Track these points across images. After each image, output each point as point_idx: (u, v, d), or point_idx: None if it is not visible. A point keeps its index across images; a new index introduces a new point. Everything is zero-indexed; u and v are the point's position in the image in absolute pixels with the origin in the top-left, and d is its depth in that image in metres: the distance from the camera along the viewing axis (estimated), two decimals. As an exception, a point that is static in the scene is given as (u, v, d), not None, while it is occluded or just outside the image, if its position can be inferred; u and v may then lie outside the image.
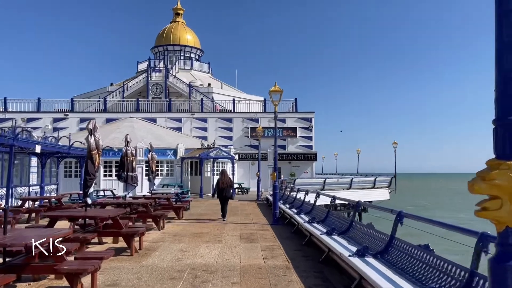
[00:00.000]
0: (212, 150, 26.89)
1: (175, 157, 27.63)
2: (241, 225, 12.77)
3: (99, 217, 7.47)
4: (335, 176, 33.17)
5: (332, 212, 9.05)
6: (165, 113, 34.59)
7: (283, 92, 13.57)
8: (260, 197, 24.44)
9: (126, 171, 10.97)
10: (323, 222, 9.04)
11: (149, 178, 13.86)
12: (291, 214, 11.81)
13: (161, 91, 38.84)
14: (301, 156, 33.86)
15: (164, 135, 30.41)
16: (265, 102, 36.07)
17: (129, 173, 10.99)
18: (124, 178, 11.01)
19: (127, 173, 10.96)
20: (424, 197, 73.98)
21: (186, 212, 16.88)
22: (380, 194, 33.52)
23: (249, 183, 32.62)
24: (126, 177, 10.96)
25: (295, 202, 14.31)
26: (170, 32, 48.69)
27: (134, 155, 11.45)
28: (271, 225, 12.69)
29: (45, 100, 34.38)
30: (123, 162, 11.25)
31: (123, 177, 11.15)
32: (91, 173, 7.84)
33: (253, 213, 16.84)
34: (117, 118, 33.66)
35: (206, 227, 12.12)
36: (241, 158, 33.15)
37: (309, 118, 34.58)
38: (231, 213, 16.30)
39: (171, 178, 27.68)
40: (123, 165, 11.23)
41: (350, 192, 30.32)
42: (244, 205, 20.45)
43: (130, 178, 10.97)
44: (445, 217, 41.68)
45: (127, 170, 11.00)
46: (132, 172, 11.11)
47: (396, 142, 35.26)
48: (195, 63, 47.52)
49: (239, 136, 34.19)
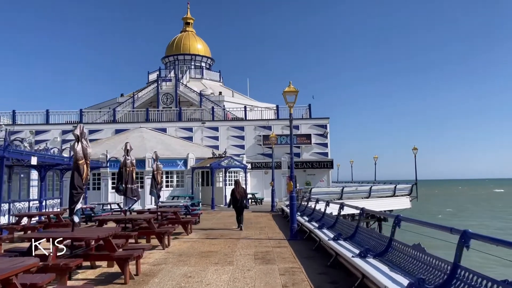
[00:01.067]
0: (224, 159, 25.73)
1: (185, 167, 26.54)
2: (255, 241, 11.47)
3: (86, 239, 6.29)
4: (353, 184, 31.60)
5: (362, 227, 7.70)
6: (175, 122, 33.64)
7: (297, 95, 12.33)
8: (275, 208, 23.10)
9: (125, 183, 9.84)
10: (351, 239, 7.70)
11: (151, 192, 12.65)
12: (311, 228, 10.47)
13: (171, 100, 38.03)
14: (317, 164, 32.44)
15: (174, 144, 29.41)
16: (278, 109, 34.87)
17: (128, 185, 9.84)
18: (122, 191, 9.88)
19: (125, 186, 9.82)
20: (447, 204, 71.35)
21: (196, 226, 15.65)
22: (401, 203, 31.81)
23: (262, 193, 31.31)
24: (125, 190, 9.83)
25: (314, 214, 12.96)
26: (180, 42, 48.19)
27: (134, 165, 10.31)
28: (288, 241, 11.36)
29: (53, 112, 33.82)
30: (121, 173, 10.14)
31: (121, 189, 10.01)
32: (78, 187, 6.69)
33: (268, 226, 15.52)
34: (127, 128, 32.84)
35: (216, 244, 10.85)
36: (254, 167, 31.90)
37: (323, 124, 33.20)
38: (245, 227, 15.01)
39: (182, 189, 26.56)
40: (122, 176, 10.12)
41: (370, 201, 28.70)
42: (258, 217, 19.15)
43: (129, 191, 9.82)
44: (490, 225, 39.55)
45: (126, 182, 9.87)
46: (131, 184, 9.96)
47: (416, 147, 33.55)
48: (205, 72, 46.76)
49: (251, 144, 33.00)
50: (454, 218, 47.74)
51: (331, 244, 7.59)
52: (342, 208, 9.74)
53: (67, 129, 32.67)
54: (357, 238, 7.60)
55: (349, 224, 8.36)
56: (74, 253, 6.82)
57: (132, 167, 10.18)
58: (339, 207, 9.75)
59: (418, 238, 6.32)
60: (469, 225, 38.25)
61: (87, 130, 32.91)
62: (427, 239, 6.11)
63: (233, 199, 14.27)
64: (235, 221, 15.26)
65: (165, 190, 26.01)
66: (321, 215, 11.75)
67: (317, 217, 12.06)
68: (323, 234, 8.88)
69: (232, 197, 14.32)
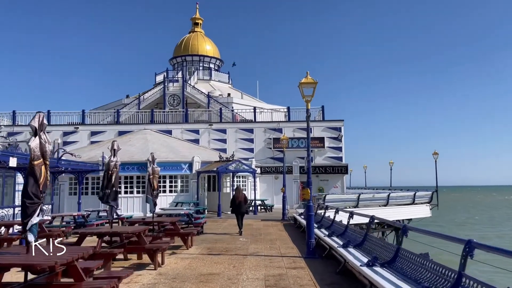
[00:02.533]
0: (232, 163, 24.04)
1: (190, 171, 24.90)
2: (265, 258, 9.72)
3: (35, 266, 4.63)
4: (370, 191, 29.65)
5: (404, 250, 5.92)
6: (181, 124, 32.08)
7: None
8: (286, 216, 21.32)
9: (106, 188, 8.18)
10: (391, 265, 5.93)
11: (146, 199, 10.99)
12: (333, 246, 8.68)
13: (178, 102, 36.53)
14: (330, 169, 30.58)
15: (179, 147, 27.82)
16: (289, 111, 33.10)
17: (108, 190, 8.17)
18: (105, 198, 8.23)
19: (108, 191, 8.15)
20: (470, 211, 68.43)
21: (199, 236, 13.96)
22: (421, 211, 29.79)
23: (272, 200, 29.54)
24: (107, 196, 8.16)
25: (334, 227, 11.16)
26: (189, 42, 46.85)
27: (118, 167, 8.65)
28: (305, 259, 9.59)
29: (55, 113, 32.51)
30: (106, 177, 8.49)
31: (102, 196, 8.36)
32: (33, 195, 5.04)
33: (279, 238, 13.75)
34: (131, 130, 31.37)
35: (219, 263, 9.13)
36: (263, 171, 30.16)
37: (337, 127, 31.35)
38: (253, 239, 13.28)
39: (186, 194, 24.90)
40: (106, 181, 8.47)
41: (388, 209, 26.78)
42: (268, 227, 17.38)
43: (110, 196, 8.12)
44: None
45: (107, 187, 8.20)
46: (112, 188, 8.27)
47: (436, 152, 31.49)
48: (214, 73, 45.29)
49: (261, 148, 31.28)
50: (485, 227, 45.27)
51: (366, 272, 5.81)
52: (372, 222, 7.96)
53: (69, 131, 31.34)
54: (398, 264, 5.83)
55: (387, 247, 6.57)
56: (30, 282, 5.16)
57: (115, 169, 8.51)
58: (369, 221, 7.95)
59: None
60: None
61: (89, 131, 31.72)
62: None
63: (233, 205, 14.84)
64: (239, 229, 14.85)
65: (169, 196, 24.39)
66: (344, 229, 9.96)
67: (338, 231, 10.27)
68: (351, 256, 7.09)
69: (233, 203, 14.89)
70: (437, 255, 6.33)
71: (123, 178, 23.86)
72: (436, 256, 5.55)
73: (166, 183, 24.44)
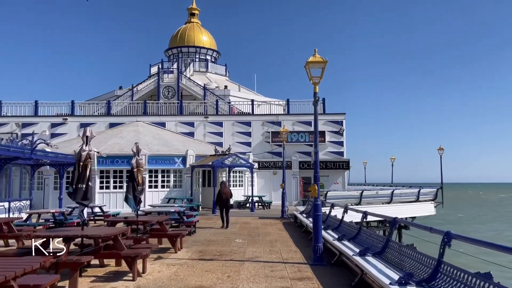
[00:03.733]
0: (228, 157, 22.64)
1: (184, 165, 23.48)
2: (266, 265, 8.37)
3: None
4: (373, 188, 28.34)
5: (449, 265, 4.57)
6: (175, 116, 30.61)
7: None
8: (286, 214, 19.98)
9: (77, 183, 6.80)
10: (429, 284, 4.58)
11: (126, 197, 9.57)
12: (346, 253, 7.31)
13: (173, 94, 34.99)
14: (331, 164, 29.24)
15: (172, 140, 26.37)
16: (289, 103, 31.65)
17: (80, 184, 6.80)
18: (73, 193, 6.84)
19: (79, 186, 6.78)
20: (476, 209, 67.24)
21: (191, 237, 12.60)
22: (425, 209, 28.46)
23: (270, 196, 28.19)
24: (75, 191, 6.78)
25: (343, 228, 9.81)
26: (185, 33, 45.30)
27: (92, 157, 7.26)
28: (311, 267, 8.24)
29: (43, 104, 30.92)
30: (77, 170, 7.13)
31: (71, 192, 6.99)
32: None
33: (280, 239, 12.40)
34: (122, 122, 29.87)
35: (211, 271, 7.77)
36: (261, 166, 28.80)
37: (339, 120, 29.99)
38: (251, 240, 11.93)
39: (180, 190, 23.50)
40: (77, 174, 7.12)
41: (391, 206, 25.46)
42: (266, 225, 16.03)
43: (79, 192, 6.74)
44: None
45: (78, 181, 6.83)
46: (82, 183, 6.89)
47: (442, 147, 30.18)
48: (211, 65, 43.79)
49: (258, 141, 29.89)
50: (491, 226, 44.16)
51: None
52: (394, 225, 6.59)
53: (57, 122, 29.81)
54: (440, 283, 4.47)
55: (421, 261, 5.19)
56: None
57: (88, 160, 7.11)
58: (392, 223, 6.57)
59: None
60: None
61: (79, 123, 30.19)
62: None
63: (220, 200, 15.20)
64: (239, 231, 13.89)
65: (161, 191, 22.99)
66: (356, 231, 8.61)
67: (349, 233, 8.91)
68: (374, 270, 5.71)
69: (220, 198, 15.23)
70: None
71: (112, 172, 22.43)
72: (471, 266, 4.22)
73: (158, 178, 23.03)
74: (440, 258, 4.70)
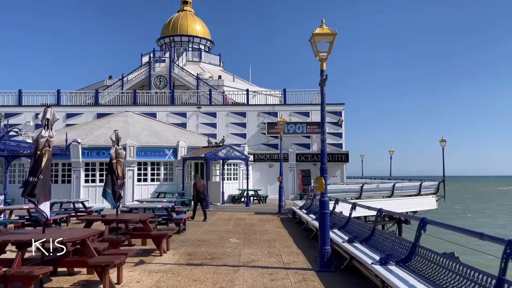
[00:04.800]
0: (221, 149, 21.37)
1: (175, 157, 22.16)
2: (264, 272, 7.15)
3: None
4: (374, 181, 27.25)
5: None
6: (167, 107, 29.22)
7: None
8: (283, 209, 18.80)
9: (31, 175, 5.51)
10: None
11: (104, 191, 8.30)
12: (363, 261, 6.09)
13: (165, 84, 33.48)
14: (329, 156, 28.05)
15: (163, 131, 25.01)
16: (285, 93, 30.34)
17: (31, 178, 5.49)
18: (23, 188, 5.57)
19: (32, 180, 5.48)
20: (479, 203, 66.29)
21: (180, 236, 11.37)
22: (426, 203, 27.48)
23: (266, 190, 27.03)
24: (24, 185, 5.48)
25: (352, 227, 8.61)
26: (177, 22, 43.70)
27: (51, 146, 5.95)
28: (317, 273, 7.04)
29: (27, 93, 29.34)
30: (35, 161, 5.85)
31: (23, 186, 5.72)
32: None
33: (278, 238, 11.19)
34: (111, 112, 28.42)
35: (200, 281, 6.54)
36: (256, 159, 27.57)
37: (338, 111, 28.77)
38: (247, 240, 10.72)
39: (170, 183, 22.20)
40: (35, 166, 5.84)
41: (392, 200, 24.44)
42: (263, 222, 14.83)
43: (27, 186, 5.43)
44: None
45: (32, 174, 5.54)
46: (34, 176, 5.57)
47: (444, 139, 29.11)
48: (204, 54, 42.27)
49: (254, 133, 28.62)
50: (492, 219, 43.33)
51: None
52: (423, 227, 5.38)
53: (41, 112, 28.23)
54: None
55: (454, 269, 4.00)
56: None
57: (47, 150, 5.80)
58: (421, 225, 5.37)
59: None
60: None
61: (65, 113, 28.70)
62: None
63: (198, 193, 15.73)
64: (233, 229, 12.93)
65: (150, 185, 21.67)
66: (369, 231, 7.41)
67: (360, 234, 7.72)
68: (403, 285, 4.50)
69: (196, 191, 15.74)
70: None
71: (98, 165, 21.06)
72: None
73: (147, 171, 21.69)
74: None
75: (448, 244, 6.57)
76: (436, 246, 5.65)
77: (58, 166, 20.96)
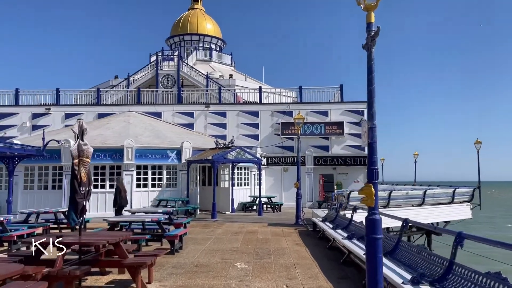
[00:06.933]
0: (231, 151, 18.97)
1: (179, 160, 19.81)
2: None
3: None
4: (404, 188, 24.44)
5: None
6: (173, 106, 26.99)
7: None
8: (301, 219, 16.27)
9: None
10: None
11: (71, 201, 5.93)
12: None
13: (173, 83, 31.32)
14: (350, 160, 25.44)
15: (166, 131, 22.71)
16: (301, 91, 27.80)
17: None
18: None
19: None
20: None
21: (173, 258, 8.93)
22: (460, 212, 24.53)
23: (281, 197, 24.48)
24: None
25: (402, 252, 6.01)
26: (187, 20, 41.84)
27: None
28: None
29: (24, 92, 27.46)
30: None
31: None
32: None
33: (300, 262, 8.65)
34: (113, 112, 26.32)
35: None
36: (269, 162, 25.10)
37: (360, 109, 26.08)
38: (258, 265, 8.21)
39: (174, 190, 19.84)
40: None
41: (423, 209, 21.67)
42: (278, 236, 12.29)
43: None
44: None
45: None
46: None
47: (479, 140, 26.16)
48: (215, 54, 40.19)
49: (267, 134, 26.16)
50: None
51: None
52: (460, 242, 3.36)
53: (39, 112, 26.34)
54: None
55: None
56: None
57: None
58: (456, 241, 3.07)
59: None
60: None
61: (64, 113, 26.68)
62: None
63: (120, 198, 14.06)
64: (241, 247, 10.31)
65: (151, 191, 19.35)
66: (445, 265, 4.82)
67: (429, 269, 5.12)
68: None
69: (120, 196, 14.10)
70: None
71: (93, 169, 18.83)
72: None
73: (148, 176, 19.38)
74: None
75: (485, 260, 5.79)
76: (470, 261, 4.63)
77: (49, 170, 18.81)
